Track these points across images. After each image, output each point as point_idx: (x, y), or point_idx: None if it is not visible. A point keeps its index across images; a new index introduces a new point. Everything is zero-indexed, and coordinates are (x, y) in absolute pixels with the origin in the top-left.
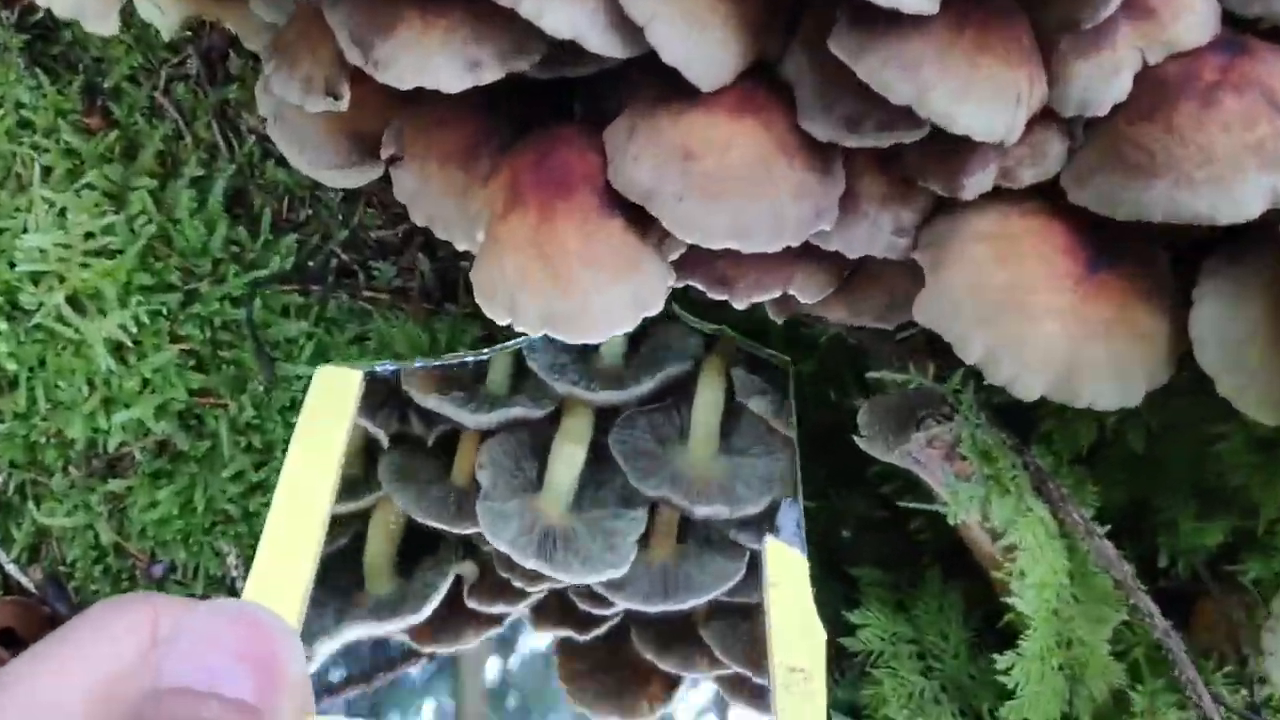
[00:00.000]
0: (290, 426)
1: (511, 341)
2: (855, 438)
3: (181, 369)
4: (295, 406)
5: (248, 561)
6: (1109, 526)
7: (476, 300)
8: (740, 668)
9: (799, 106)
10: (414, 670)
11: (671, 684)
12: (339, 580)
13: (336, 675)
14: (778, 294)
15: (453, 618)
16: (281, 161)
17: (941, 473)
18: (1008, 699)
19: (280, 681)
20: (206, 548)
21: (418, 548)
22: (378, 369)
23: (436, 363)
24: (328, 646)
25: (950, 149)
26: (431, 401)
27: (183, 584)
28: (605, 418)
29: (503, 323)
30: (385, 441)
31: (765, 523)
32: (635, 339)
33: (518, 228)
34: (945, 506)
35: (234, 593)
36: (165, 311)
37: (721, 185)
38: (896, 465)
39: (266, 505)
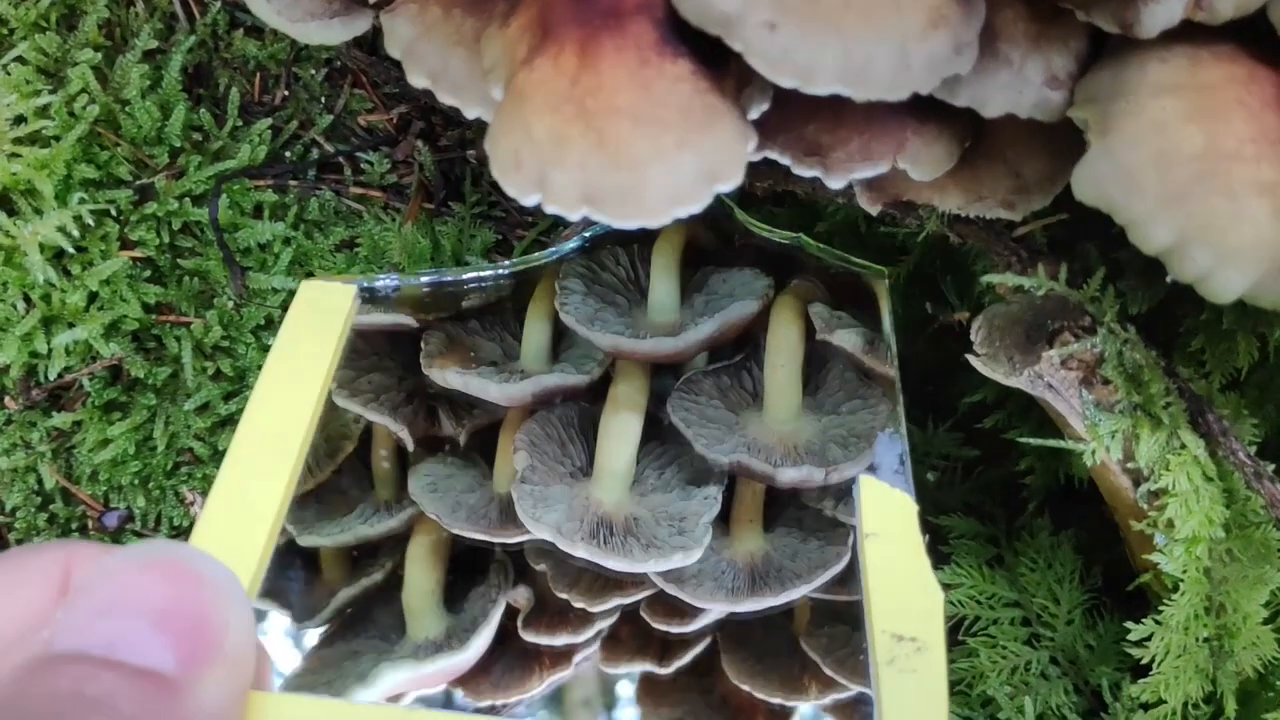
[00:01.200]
0: (265, 350)
1: (541, 253)
2: (970, 357)
3: (134, 280)
4: (271, 325)
5: None
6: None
7: (494, 174)
8: (858, 685)
9: None
10: None
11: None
12: (372, 628)
13: None
14: (885, 167)
15: (513, 660)
16: (252, 31)
17: (1079, 400)
18: (1139, 675)
19: (208, 647)
20: (169, 493)
21: (466, 578)
22: (377, 283)
23: (448, 277)
24: (362, 695)
25: None
26: (453, 377)
27: (143, 535)
28: (663, 382)
29: (528, 202)
30: (410, 444)
31: None
32: (690, 285)
33: (550, 77)
34: (1078, 443)
35: None
36: (114, 211)
37: (830, 7)
38: (1019, 390)
39: None
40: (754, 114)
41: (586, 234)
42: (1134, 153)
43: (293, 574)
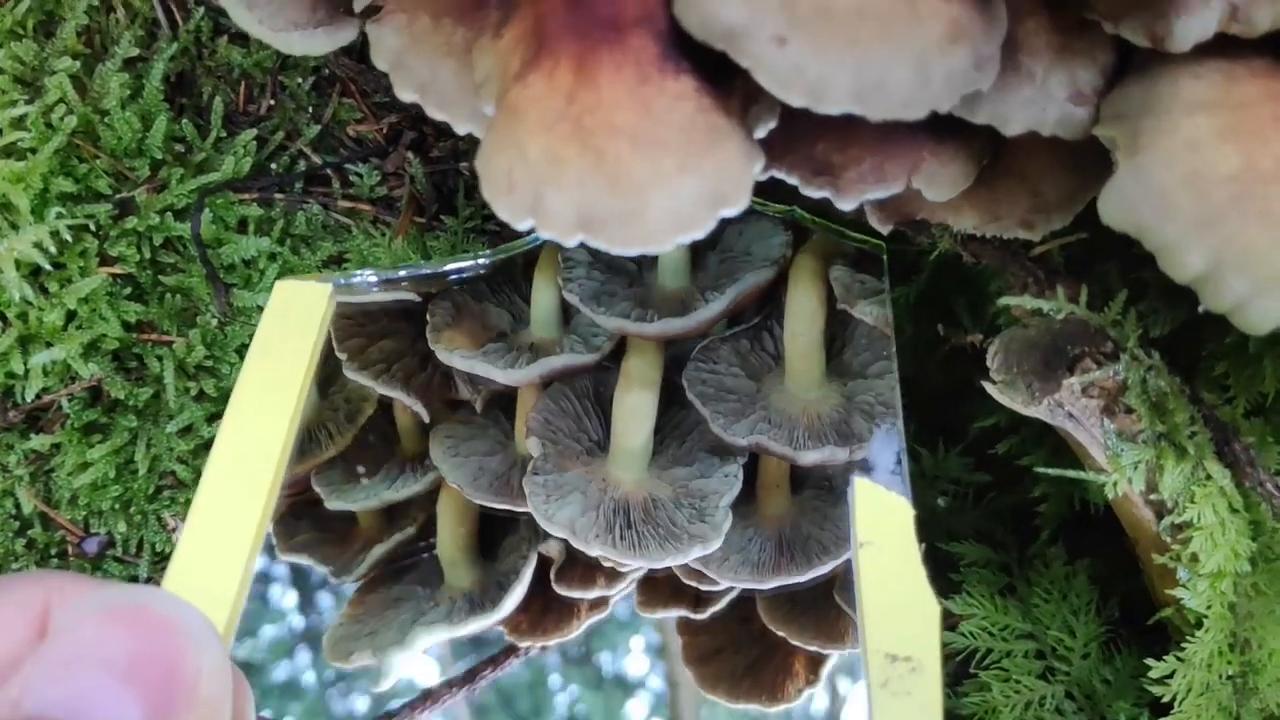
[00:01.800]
0: None
1: (524, 240)
2: (986, 384)
3: (114, 298)
4: None
5: None
6: None
7: (485, 196)
8: None
9: None
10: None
11: (816, 661)
12: (413, 572)
13: (432, 679)
14: (899, 187)
15: (548, 605)
16: (236, 38)
17: (1100, 430)
18: (1159, 713)
19: (179, 697)
20: (151, 517)
21: (498, 526)
22: (354, 280)
23: (426, 270)
24: (399, 657)
25: None
26: (458, 359)
27: (124, 562)
28: (681, 346)
29: (521, 226)
30: (426, 416)
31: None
32: (704, 243)
33: (544, 93)
34: (1099, 474)
35: None
36: (93, 227)
37: (844, 21)
38: (1037, 419)
39: None
40: (760, 133)
41: None
42: (1166, 173)
43: (327, 525)
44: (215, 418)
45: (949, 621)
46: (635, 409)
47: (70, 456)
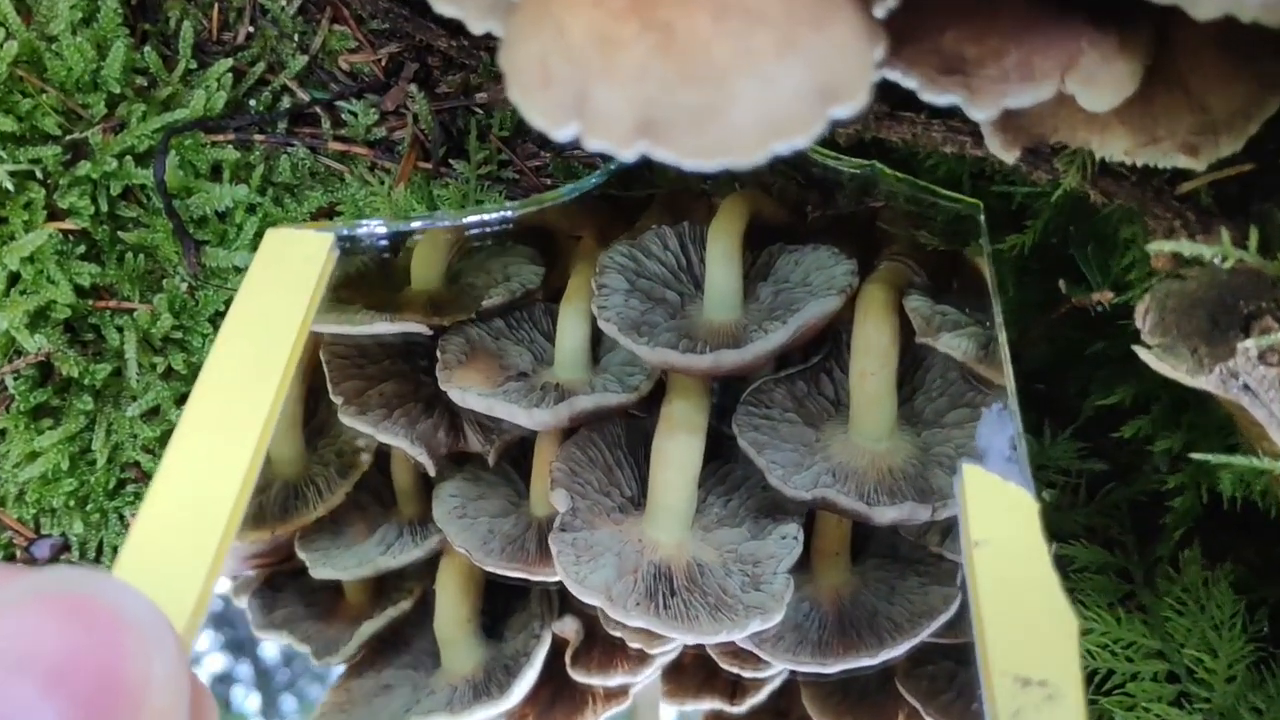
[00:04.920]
0: None
1: (555, 191)
2: (1139, 350)
3: (65, 258)
4: None
5: None
6: None
7: (513, 95)
8: None
9: None
10: None
11: None
12: (405, 654)
13: None
14: (1050, 90)
15: (559, 693)
16: None
17: None
18: None
19: (120, 712)
20: (111, 516)
21: (505, 601)
22: (359, 230)
23: (444, 221)
24: None
25: None
26: (475, 399)
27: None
28: (726, 393)
29: (562, 134)
30: (432, 469)
31: None
32: (754, 271)
33: None
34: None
35: None
36: (39, 173)
37: None
38: (1172, 388)
39: None
40: (880, 10)
41: (613, 165)
42: None
43: (311, 599)
44: (185, 399)
45: None
46: (678, 458)
47: (16, 445)
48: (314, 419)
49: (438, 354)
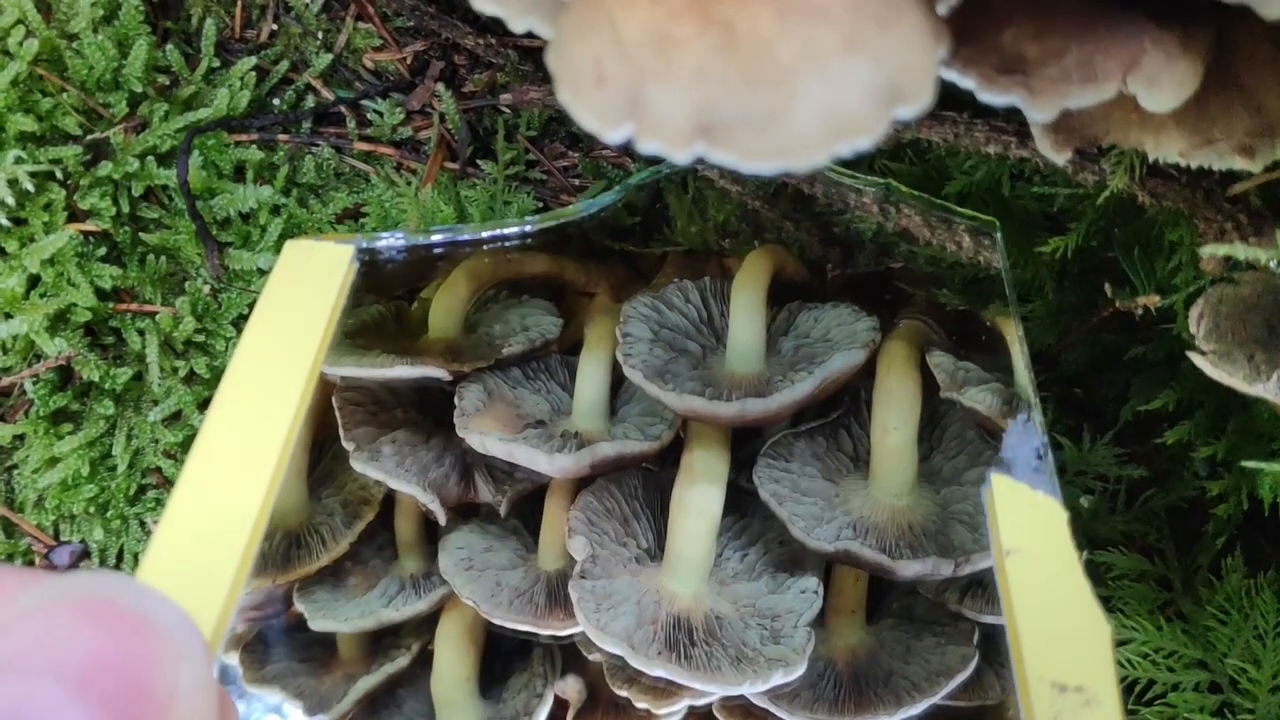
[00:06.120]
0: None
1: (574, 207)
2: (1192, 355)
3: (86, 260)
4: None
5: None
6: None
7: (562, 97)
8: None
9: None
10: None
11: None
12: (398, 715)
13: None
14: (1112, 90)
15: None
16: None
17: None
18: None
19: (152, 717)
20: (132, 523)
21: (505, 661)
22: (379, 243)
23: (464, 235)
24: None
25: None
26: (495, 445)
27: None
28: (745, 447)
29: (614, 137)
30: (443, 519)
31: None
32: (774, 327)
33: None
34: None
35: None
36: (59, 174)
37: None
38: (1218, 393)
39: None
40: (944, 8)
41: (632, 180)
42: None
43: (304, 654)
44: (208, 403)
45: None
46: (698, 508)
47: (35, 450)
48: (318, 469)
49: (455, 400)
